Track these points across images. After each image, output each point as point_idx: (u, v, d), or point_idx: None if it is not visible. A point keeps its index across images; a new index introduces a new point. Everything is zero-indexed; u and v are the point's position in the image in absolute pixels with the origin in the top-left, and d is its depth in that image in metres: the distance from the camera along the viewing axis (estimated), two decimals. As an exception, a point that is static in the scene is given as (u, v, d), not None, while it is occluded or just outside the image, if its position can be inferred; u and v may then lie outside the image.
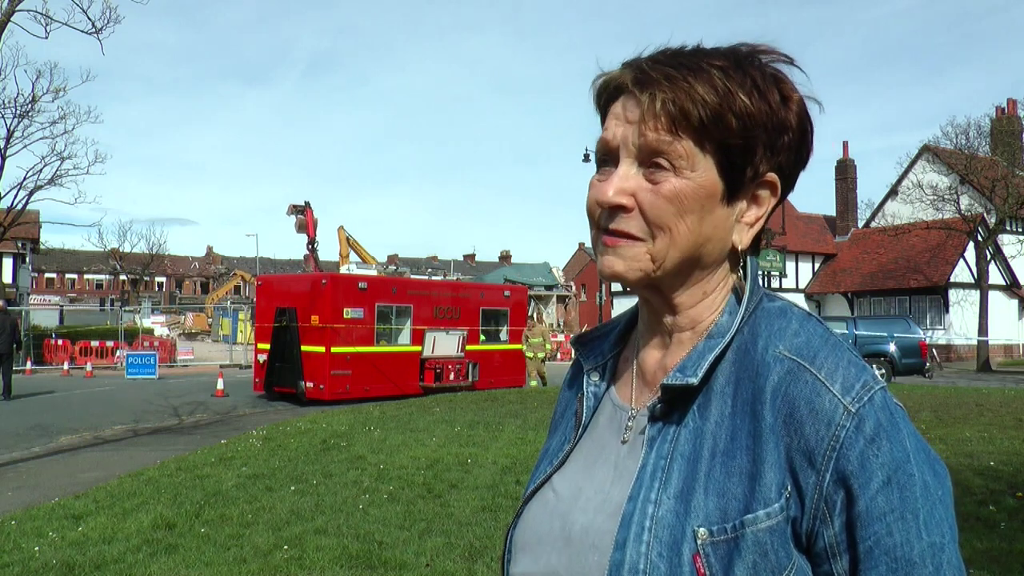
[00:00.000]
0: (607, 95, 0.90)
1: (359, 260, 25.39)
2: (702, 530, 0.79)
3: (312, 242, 25.75)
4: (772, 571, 0.78)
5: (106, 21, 9.93)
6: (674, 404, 0.87)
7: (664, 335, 0.92)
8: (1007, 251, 32.46)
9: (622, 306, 34.93)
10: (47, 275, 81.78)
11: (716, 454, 0.82)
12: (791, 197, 0.95)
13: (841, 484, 0.78)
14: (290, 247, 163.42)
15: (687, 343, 0.90)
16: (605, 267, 0.87)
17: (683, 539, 0.80)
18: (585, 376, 1.00)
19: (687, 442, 0.84)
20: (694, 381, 0.84)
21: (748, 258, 0.92)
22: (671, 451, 0.85)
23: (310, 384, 16.06)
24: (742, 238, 0.88)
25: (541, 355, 18.80)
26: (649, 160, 0.84)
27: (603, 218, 0.87)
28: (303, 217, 25.57)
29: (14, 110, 21.80)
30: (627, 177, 0.85)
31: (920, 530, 0.78)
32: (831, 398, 0.80)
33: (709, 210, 0.85)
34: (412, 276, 21.98)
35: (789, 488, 0.80)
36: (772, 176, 0.87)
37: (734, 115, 0.82)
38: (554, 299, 37.89)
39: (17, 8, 9.20)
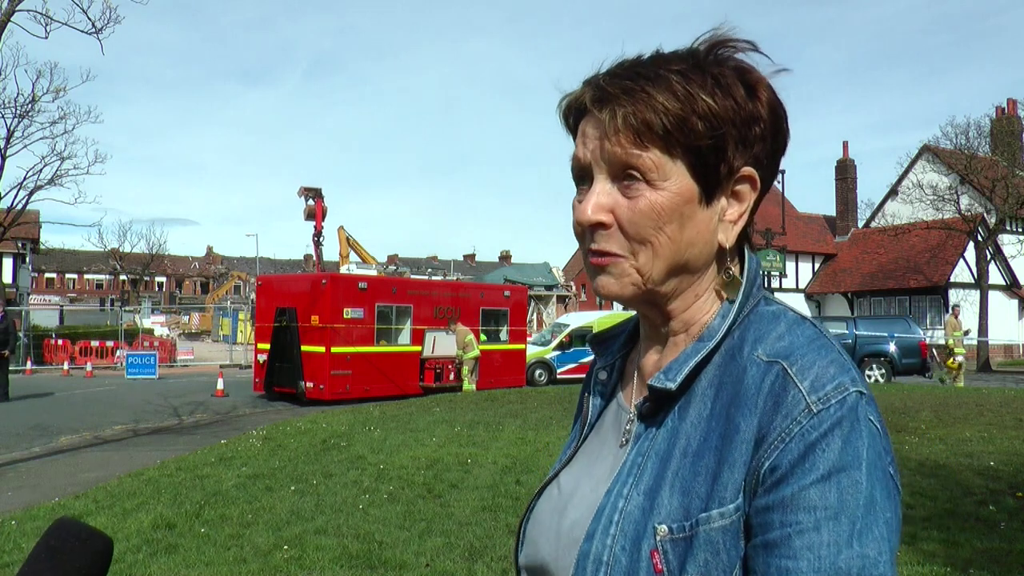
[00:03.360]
0: (574, 115, 0.90)
1: (359, 260, 25.40)
2: (662, 527, 0.80)
3: (319, 234, 25.77)
4: (723, 570, 0.78)
5: (106, 21, 9.92)
6: (659, 404, 0.87)
7: (661, 339, 0.93)
8: (1007, 251, 32.43)
9: (621, 306, 34.87)
10: (47, 275, 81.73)
11: (687, 454, 0.82)
12: (791, 197, 0.95)
13: (777, 469, 0.76)
14: (290, 247, 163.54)
15: (681, 344, 0.91)
16: (600, 288, 0.88)
17: (644, 535, 0.80)
18: (593, 376, 1.02)
19: (663, 441, 0.85)
20: (672, 387, 0.85)
21: (747, 258, 0.92)
22: (648, 449, 0.86)
23: (310, 384, 16.06)
24: (728, 236, 0.88)
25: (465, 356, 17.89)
26: (621, 174, 0.84)
27: (587, 237, 0.87)
28: (313, 205, 25.60)
29: (14, 110, 21.86)
30: (603, 194, 0.85)
31: (853, 538, 0.73)
32: (796, 393, 0.78)
33: (689, 216, 0.84)
34: (412, 276, 21.98)
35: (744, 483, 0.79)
36: (748, 170, 0.86)
37: (698, 117, 0.82)
38: (554, 299, 37.78)
39: (17, 8, 9.19)
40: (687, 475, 0.81)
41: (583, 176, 0.88)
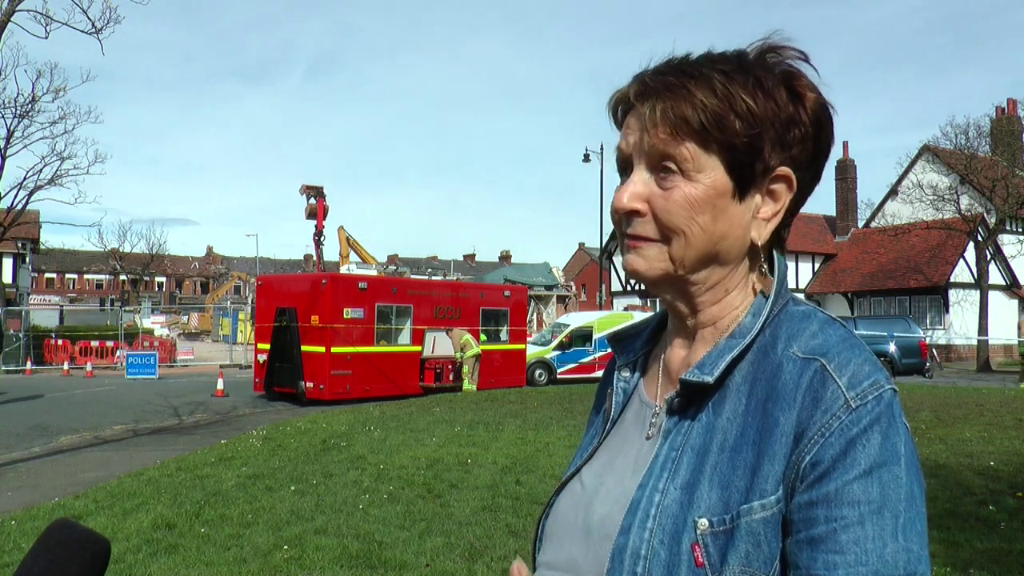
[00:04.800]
0: (621, 109, 0.93)
1: (359, 260, 25.40)
2: (703, 521, 0.81)
3: (319, 233, 25.79)
4: (765, 561, 0.79)
5: (106, 21, 9.93)
6: (691, 399, 0.89)
7: (688, 334, 0.95)
8: (1007, 251, 32.44)
9: (621, 306, 34.92)
10: (47, 275, 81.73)
11: (725, 449, 0.84)
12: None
13: (819, 465, 0.78)
14: (290, 247, 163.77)
15: (709, 340, 0.92)
16: (628, 265, 0.91)
17: (684, 528, 0.81)
18: (616, 373, 1.03)
19: (698, 435, 0.86)
20: (710, 380, 0.86)
21: (776, 260, 0.93)
22: (683, 444, 0.87)
23: (310, 384, 16.07)
24: (760, 233, 0.89)
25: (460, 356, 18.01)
26: (659, 165, 0.87)
27: (624, 223, 0.91)
28: (314, 203, 25.62)
29: (14, 110, 21.87)
30: (640, 183, 0.89)
31: (897, 532, 0.75)
32: (835, 389, 0.80)
33: (722, 209, 0.87)
34: (412, 276, 22.00)
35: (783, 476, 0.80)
36: (784, 170, 0.88)
37: (736, 115, 0.84)
38: (554, 299, 37.81)
39: (17, 8, 9.20)
40: (726, 469, 0.82)
41: (625, 167, 0.91)
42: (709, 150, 0.85)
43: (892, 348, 21.10)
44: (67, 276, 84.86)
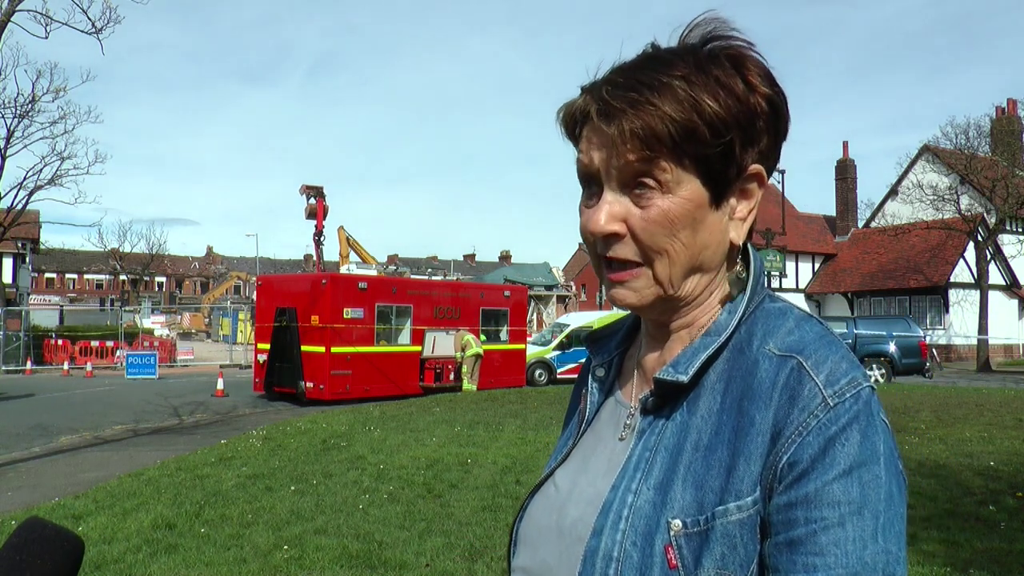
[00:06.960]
0: (575, 122, 0.88)
1: (359, 260, 25.43)
2: (676, 522, 0.79)
3: (319, 233, 25.81)
4: (741, 564, 0.77)
5: (106, 21, 9.95)
6: (665, 398, 0.87)
7: (664, 334, 0.93)
8: (1007, 251, 32.46)
9: (622, 306, 34.90)
10: (47, 275, 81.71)
11: (699, 448, 0.82)
12: (791, 197, 0.95)
13: (797, 465, 0.76)
14: (290, 247, 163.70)
15: (684, 339, 0.90)
16: (618, 300, 0.87)
17: (657, 530, 0.80)
18: (591, 373, 1.01)
19: (672, 435, 0.84)
20: (684, 379, 0.84)
21: (752, 255, 0.92)
22: (657, 443, 0.85)
23: (310, 384, 16.07)
24: (738, 233, 0.88)
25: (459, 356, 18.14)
26: (632, 183, 0.83)
27: (599, 245, 0.86)
28: (314, 203, 25.66)
29: (14, 110, 21.87)
30: (615, 203, 0.84)
31: (877, 533, 0.74)
32: (812, 386, 0.78)
33: (700, 220, 0.84)
34: (412, 276, 22.01)
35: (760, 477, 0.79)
36: (756, 168, 0.86)
37: (705, 124, 0.81)
38: (554, 299, 37.77)
39: (17, 8, 9.21)
40: (700, 469, 0.81)
41: (590, 181, 0.87)
42: (683, 164, 0.82)
43: (892, 348, 21.07)
44: (67, 276, 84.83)
